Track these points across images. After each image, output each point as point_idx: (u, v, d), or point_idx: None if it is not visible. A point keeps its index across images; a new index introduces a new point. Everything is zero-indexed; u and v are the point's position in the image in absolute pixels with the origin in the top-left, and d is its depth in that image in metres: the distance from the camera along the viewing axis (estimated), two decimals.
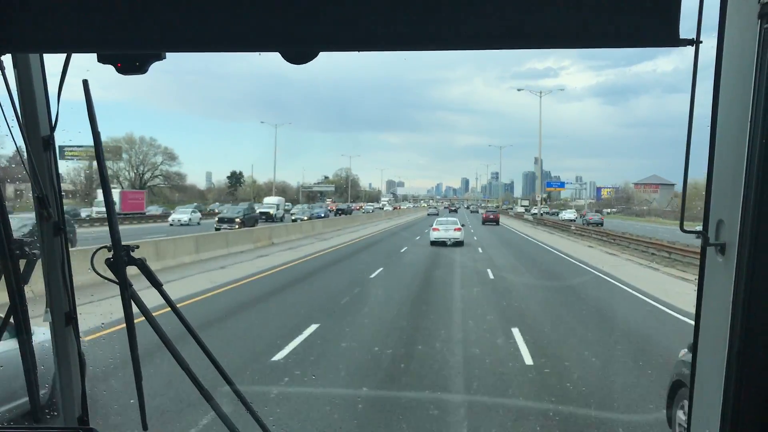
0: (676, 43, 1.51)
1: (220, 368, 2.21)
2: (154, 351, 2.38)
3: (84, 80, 1.99)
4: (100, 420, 2.51)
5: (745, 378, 1.45)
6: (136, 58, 1.78)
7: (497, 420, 7.54)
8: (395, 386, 8.77)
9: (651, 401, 8.06)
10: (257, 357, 10.21)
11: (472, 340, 11.80)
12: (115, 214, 2.13)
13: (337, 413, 7.91)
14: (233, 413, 2.21)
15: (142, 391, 2.18)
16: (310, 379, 9.22)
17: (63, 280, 2.26)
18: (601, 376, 9.50)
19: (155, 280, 2.11)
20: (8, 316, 2.09)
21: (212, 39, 1.64)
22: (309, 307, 15.05)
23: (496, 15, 1.56)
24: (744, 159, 1.42)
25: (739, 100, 1.44)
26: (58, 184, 2.21)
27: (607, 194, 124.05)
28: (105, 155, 2.12)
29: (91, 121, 2.03)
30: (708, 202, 1.57)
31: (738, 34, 1.45)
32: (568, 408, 8.16)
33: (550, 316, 14.74)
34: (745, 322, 1.43)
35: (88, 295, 4.21)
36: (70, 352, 2.32)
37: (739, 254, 1.44)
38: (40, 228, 2.21)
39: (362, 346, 11.09)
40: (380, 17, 1.59)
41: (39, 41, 1.74)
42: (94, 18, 1.64)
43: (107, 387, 7.39)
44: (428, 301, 16.42)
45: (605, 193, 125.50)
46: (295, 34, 1.61)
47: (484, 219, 67.94)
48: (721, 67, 1.49)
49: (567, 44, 1.58)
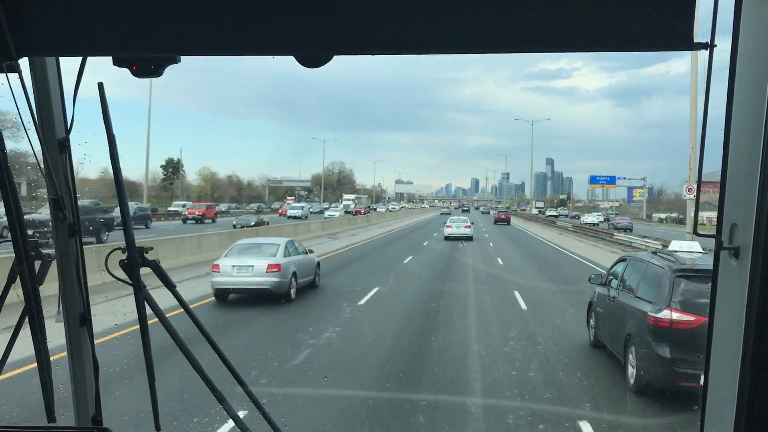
0: (690, 47, 1.50)
1: (232, 369, 2.22)
2: (168, 352, 2.39)
3: (99, 83, 2.01)
4: (113, 420, 2.52)
5: (759, 381, 1.44)
6: (151, 62, 1.79)
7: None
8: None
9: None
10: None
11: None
12: (130, 217, 2.15)
13: (346, 415, 7.92)
14: (246, 414, 2.22)
15: (155, 392, 2.19)
16: (323, 379, 9.29)
17: (77, 282, 2.27)
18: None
19: (169, 282, 2.12)
20: (23, 317, 2.11)
21: (227, 43, 1.65)
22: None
23: (510, 19, 1.56)
24: (758, 162, 1.41)
25: (754, 104, 1.43)
26: (73, 186, 2.23)
27: (639, 195, 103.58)
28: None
29: (106, 123, 2.05)
30: (722, 205, 1.56)
31: (753, 38, 1.44)
32: (563, 408, 8.15)
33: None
34: (759, 325, 1.42)
35: (102, 297, 4.28)
36: (84, 352, 2.34)
37: (753, 258, 1.43)
38: (55, 229, 2.23)
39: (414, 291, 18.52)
40: (393, 21, 1.60)
41: (55, 45, 1.76)
42: (109, 22, 1.66)
43: (121, 387, 7.45)
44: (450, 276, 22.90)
45: (637, 195, 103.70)
46: (309, 38, 1.62)
47: (496, 219, 71.15)
48: (735, 70, 1.48)
49: (580, 48, 1.58)
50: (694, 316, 8.24)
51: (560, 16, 1.54)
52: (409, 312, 15.22)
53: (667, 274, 8.92)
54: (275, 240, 18.28)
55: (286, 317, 14.52)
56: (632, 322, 9.38)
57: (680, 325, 8.38)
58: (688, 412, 7.83)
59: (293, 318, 14.38)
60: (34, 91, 2.08)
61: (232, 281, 15.73)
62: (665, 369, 8.32)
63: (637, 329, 9.15)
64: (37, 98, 2.09)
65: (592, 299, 12.01)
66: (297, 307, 15.57)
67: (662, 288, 8.83)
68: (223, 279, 15.73)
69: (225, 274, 15.68)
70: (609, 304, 10.76)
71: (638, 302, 9.48)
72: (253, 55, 1.69)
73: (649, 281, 9.55)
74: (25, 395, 7.52)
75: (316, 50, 1.67)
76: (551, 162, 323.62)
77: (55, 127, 2.15)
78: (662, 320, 8.46)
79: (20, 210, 2.02)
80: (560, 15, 1.54)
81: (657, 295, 8.93)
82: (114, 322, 10.04)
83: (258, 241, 19.33)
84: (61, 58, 2.12)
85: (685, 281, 8.66)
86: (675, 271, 8.84)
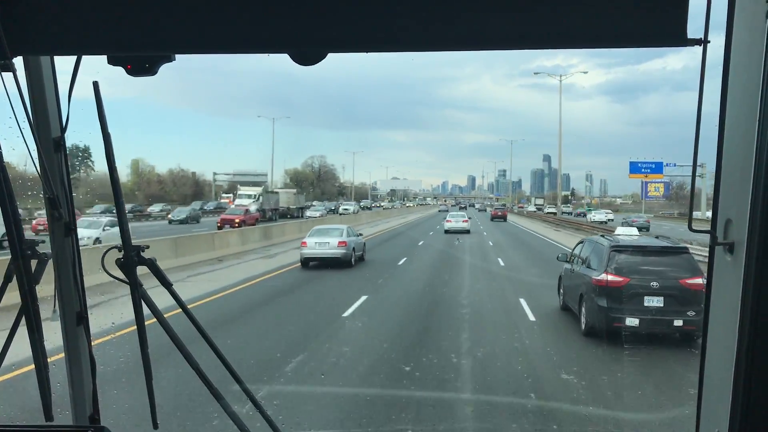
0: (684, 42, 1.51)
1: (230, 368, 2.23)
2: (165, 351, 2.40)
3: (94, 82, 2.00)
4: (111, 419, 2.53)
5: (754, 377, 1.45)
6: (146, 60, 1.79)
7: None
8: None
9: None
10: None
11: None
12: (126, 215, 2.15)
13: (343, 413, 7.93)
14: (243, 412, 2.22)
15: (153, 391, 2.19)
16: (319, 375, 9.31)
17: (74, 280, 2.27)
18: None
19: (165, 280, 2.12)
20: (20, 316, 2.11)
21: (221, 41, 1.65)
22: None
23: (505, 16, 1.56)
24: (752, 158, 1.41)
25: (747, 99, 1.43)
26: (68, 185, 2.23)
27: (655, 190, 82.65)
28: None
29: (101, 122, 2.04)
30: (716, 201, 1.56)
31: (746, 33, 1.44)
32: (574, 407, 8.18)
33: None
34: (754, 321, 1.43)
35: (98, 295, 4.33)
36: (81, 351, 2.34)
37: (748, 253, 1.44)
38: (51, 228, 2.23)
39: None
40: (388, 18, 1.60)
41: (50, 44, 1.76)
42: (104, 20, 1.66)
43: (118, 386, 7.44)
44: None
45: (652, 190, 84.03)
46: (303, 35, 1.62)
47: (493, 215, 72.71)
48: (729, 66, 1.48)
49: (574, 44, 1.58)
50: (623, 278, 11.87)
51: (554, 12, 1.54)
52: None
53: (606, 249, 12.58)
54: (339, 226, 26.62)
55: (349, 275, 21.85)
56: (584, 285, 12.86)
57: (613, 284, 11.86)
58: (683, 408, 7.92)
59: (354, 275, 21.96)
60: (29, 91, 2.08)
61: (314, 252, 23.36)
62: (603, 315, 11.78)
63: (586, 289, 12.65)
64: (31, 97, 2.09)
65: (560, 274, 15.62)
66: (355, 270, 23.12)
67: (602, 259, 12.46)
68: (308, 251, 23.44)
69: (310, 248, 23.38)
70: (571, 275, 14.36)
71: (588, 270, 12.95)
72: (247, 53, 1.69)
73: (595, 255, 13.09)
74: (22, 394, 7.51)
75: (311, 47, 1.67)
76: (548, 158, 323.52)
77: (51, 126, 2.15)
78: (601, 281, 12.01)
79: (16, 209, 2.02)
80: (554, 11, 1.54)
81: (599, 264, 12.54)
82: (111, 321, 10.04)
83: (328, 226, 26.71)
84: (55, 57, 2.12)
85: (617, 254, 12.29)
86: (611, 247, 12.56)
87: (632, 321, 11.45)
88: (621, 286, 11.72)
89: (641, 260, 12.37)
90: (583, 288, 12.83)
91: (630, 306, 11.59)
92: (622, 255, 12.25)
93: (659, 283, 11.67)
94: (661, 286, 11.64)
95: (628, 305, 11.60)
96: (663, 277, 11.77)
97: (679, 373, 10.02)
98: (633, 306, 11.57)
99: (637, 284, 11.74)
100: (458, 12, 1.57)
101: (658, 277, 11.78)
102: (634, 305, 11.58)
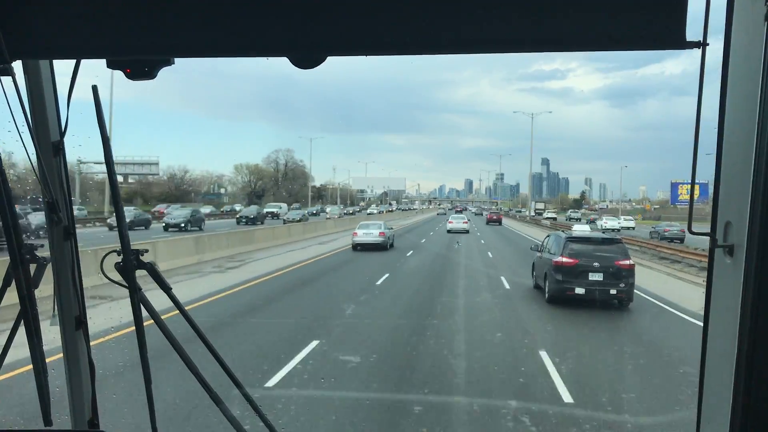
0: (682, 45, 1.51)
1: (229, 372, 2.22)
2: (164, 354, 2.39)
3: (93, 86, 2.00)
4: (110, 423, 2.52)
5: (754, 379, 1.45)
6: (145, 64, 1.79)
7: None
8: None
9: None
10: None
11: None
12: (125, 219, 2.14)
13: (344, 417, 7.92)
14: (242, 416, 2.21)
15: (152, 395, 2.19)
16: (320, 380, 9.31)
17: (73, 284, 2.27)
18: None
19: (164, 284, 2.12)
20: (19, 320, 2.11)
21: (221, 44, 1.65)
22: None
23: (503, 19, 1.56)
24: (752, 160, 1.41)
25: (747, 102, 1.43)
26: (68, 188, 2.22)
27: (686, 193, 68.76)
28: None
29: (100, 126, 2.04)
30: (716, 203, 1.56)
31: (745, 36, 1.44)
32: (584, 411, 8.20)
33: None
34: (754, 324, 1.43)
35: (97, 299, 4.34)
36: (80, 355, 2.33)
37: (748, 256, 1.44)
38: (50, 232, 2.22)
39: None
40: (387, 22, 1.60)
41: (49, 48, 1.75)
42: (103, 24, 1.65)
43: (117, 390, 7.43)
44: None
45: (684, 193, 73.33)
46: (303, 39, 1.62)
47: (488, 219, 74.19)
48: (728, 69, 1.48)
49: (573, 47, 1.58)
50: (573, 260, 16.72)
51: (553, 15, 1.54)
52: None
53: (563, 239, 17.80)
54: (378, 221, 38.83)
55: (387, 255, 31.46)
56: (547, 266, 17.71)
57: (566, 264, 16.72)
58: (683, 410, 7.93)
59: (390, 255, 31.55)
60: (28, 94, 2.07)
61: (362, 240, 33.88)
62: (559, 286, 16.71)
63: (548, 268, 17.51)
64: (31, 101, 2.08)
65: (534, 261, 20.46)
66: (391, 252, 33.27)
67: (559, 246, 17.44)
68: (357, 239, 33.97)
69: (359, 237, 34.00)
70: (540, 260, 19.21)
71: (550, 255, 17.82)
72: (246, 57, 1.69)
73: (556, 244, 18.06)
74: (21, 399, 7.50)
75: (310, 51, 1.67)
76: (547, 162, 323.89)
77: (50, 130, 2.14)
78: (558, 262, 16.91)
79: (15, 213, 2.01)
80: (553, 14, 1.54)
81: (557, 250, 17.47)
82: (110, 325, 10.02)
83: (370, 222, 38.68)
84: (54, 60, 2.11)
85: (570, 243, 17.38)
86: (566, 238, 17.90)
87: (580, 290, 16.39)
88: (572, 265, 16.64)
89: (587, 247, 17.39)
90: (546, 268, 17.69)
91: (579, 280, 16.51)
92: (574, 243, 17.41)
93: (600, 264, 16.55)
94: (601, 266, 16.50)
95: (577, 279, 16.55)
96: (602, 260, 16.65)
97: (605, 321, 15.63)
98: (581, 279, 16.48)
99: (584, 264, 16.61)
100: (456, 15, 1.57)
101: (599, 259, 16.68)
102: (582, 279, 16.50)
